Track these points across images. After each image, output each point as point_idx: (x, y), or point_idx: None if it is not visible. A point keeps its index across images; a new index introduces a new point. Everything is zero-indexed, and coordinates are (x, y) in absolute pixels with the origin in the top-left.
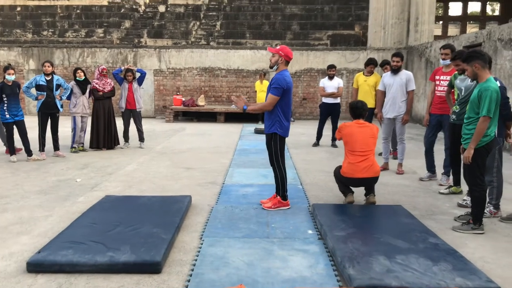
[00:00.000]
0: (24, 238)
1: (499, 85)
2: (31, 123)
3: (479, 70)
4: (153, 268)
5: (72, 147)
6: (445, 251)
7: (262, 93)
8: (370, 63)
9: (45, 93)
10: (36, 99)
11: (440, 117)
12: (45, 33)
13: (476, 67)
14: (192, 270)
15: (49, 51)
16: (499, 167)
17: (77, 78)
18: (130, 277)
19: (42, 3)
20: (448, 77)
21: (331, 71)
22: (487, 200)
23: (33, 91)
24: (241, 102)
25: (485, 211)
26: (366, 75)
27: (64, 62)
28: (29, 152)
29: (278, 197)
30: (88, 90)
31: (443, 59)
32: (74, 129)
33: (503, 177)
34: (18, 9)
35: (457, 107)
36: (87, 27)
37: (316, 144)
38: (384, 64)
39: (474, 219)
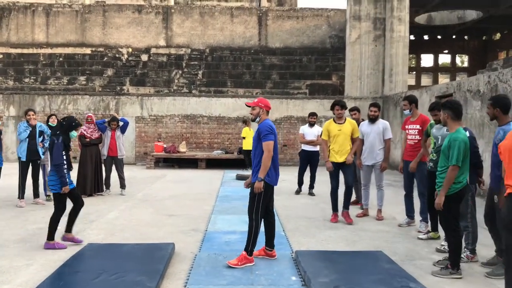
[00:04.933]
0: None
1: (468, 135)
2: (9, 170)
3: (449, 120)
4: None
5: (46, 195)
6: None
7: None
8: (337, 104)
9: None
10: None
11: (411, 163)
12: (26, 80)
13: (447, 117)
14: None
15: (30, 98)
16: (473, 213)
17: (49, 124)
18: None
19: (25, 51)
20: (415, 126)
21: (312, 119)
22: (464, 245)
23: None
24: (259, 185)
25: (462, 256)
26: (338, 123)
27: (46, 109)
28: None
29: (244, 252)
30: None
31: (404, 110)
32: (44, 177)
33: (477, 222)
34: (0, 56)
35: (434, 155)
36: (69, 75)
37: (299, 191)
38: (353, 110)
39: (452, 264)
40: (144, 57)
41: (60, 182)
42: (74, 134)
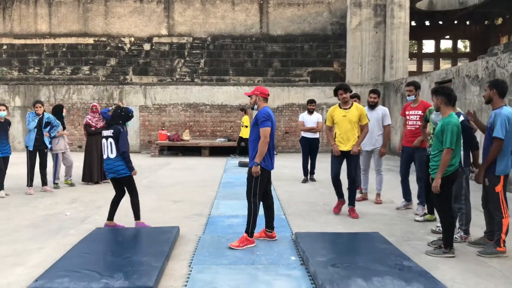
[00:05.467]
0: (19, 269)
1: (462, 118)
2: (16, 159)
3: (442, 105)
4: None
5: (54, 182)
6: (418, 273)
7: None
8: (340, 88)
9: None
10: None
11: (411, 149)
12: (31, 70)
13: (440, 102)
14: None
15: (35, 88)
16: (466, 195)
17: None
18: None
19: (28, 41)
20: (417, 112)
21: (311, 106)
22: (458, 226)
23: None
24: (256, 170)
25: (456, 236)
26: (344, 108)
27: (50, 99)
28: (1, 187)
29: (245, 234)
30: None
31: (408, 96)
32: (55, 166)
33: (471, 204)
34: (4, 47)
35: (433, 140)
36: (73, 65)
37: (306, 180)
38: (354, 97)
39: (445, 244)
40: (147, 46)
41: (129, 168)
42: (128, 123)
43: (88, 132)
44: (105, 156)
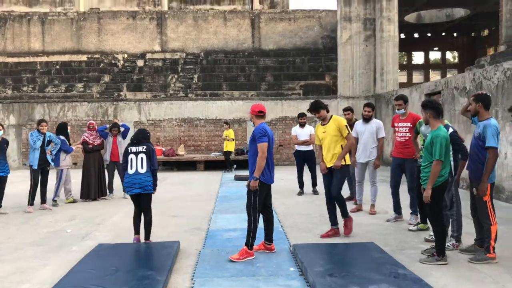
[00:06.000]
0: (25, 286)
1: (451, 130)
2: (12, 178)
3: (431, 119)
4: None
5: (54, 199)
6: (413, 280)
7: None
8: (311, 111)
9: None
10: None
11: (401, 160)
12: (25, 88)
13: (429, 116)
14: None
15: (29, 106)
16: (458, 203)
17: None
18: None
19: (22, 59)
20: (406, 124)
21: (302, 120)
22: (449, 234)
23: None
24: (254, 184)
25: (448, 244)
26: (323, 124)
27: (45, 116)
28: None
29: (245, 246)
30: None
31: (398, 109)
32: (59, 182)
33: (462, 212)
34: None
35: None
36: (66, 82)
37: (301, 192)
38: (347, 110)
39: (438, 252)
40: (140, 63)
41: (154, 186)
42: None
43: (85, 150)
44: (132, 171)
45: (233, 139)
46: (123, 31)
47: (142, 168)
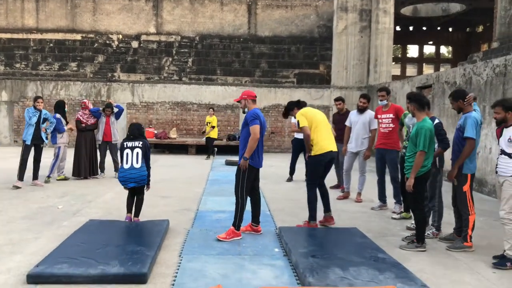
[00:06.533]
0: (18, 257)
1: (437, 121)
2: (3, 154)
3: (416, 111)
4: (140, 279)
5: (48, 176)
6: (391, 264)
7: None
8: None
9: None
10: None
11: (383, 151)
12: (17, 65)
13: (413, 108)
14: (174, 281)
15: (22, 84)
16: (440, 194)
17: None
18: (120, 287)
19: (15, 36)
20: (389, 115)
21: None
22: (430, 222)
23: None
24: (245, 164)
25: (428, 232)
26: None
27: (38, 94)
28: None
29: (232, 227)
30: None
31: (381, 100)
32: (56, 159)
33: (444, 203)
34: None
35: (406, 142)
36: (60, 61)
37: (290, 179)
38: (338, 99)
39: (418, 239)
40: (135, 44)
41: (148, 179)
42: None
43: (78, 128)
44: (127, 166)
45: (213, 127)
46: (119, 12)
47: (137, 163)
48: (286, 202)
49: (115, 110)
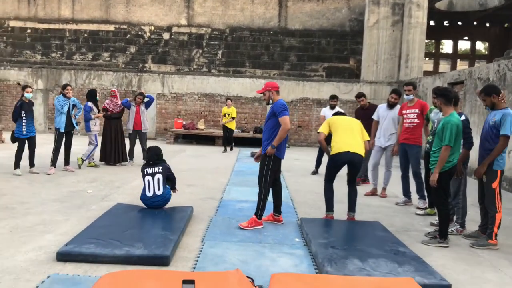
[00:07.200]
0: (49, 236)
1: (463, 118)
2: (39, 140)
3: (442, 105)
4: (163, 261)
5: (88, 160)
6: (411, 257)
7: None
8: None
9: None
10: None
11: (406, 146)
12: (53, 55)
13: (440, 103)
14: (196, 264)
15: (57, 72)
16: (464, 191)
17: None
18: (144, 268)
19: (52, 26)
20: (414, 110)
21: (333, 102)
22: (455, 219)
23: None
24: (272, 151)
25: (452, 229)
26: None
27: (72, 83)
28: (32, 164)
29: (254, 216)
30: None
31: (407, 95)
32: (95, 145)
33: (469, 201)
34: (28, 31)
35: (431, 137)
36: (93, 51)
37: (315, 172)
38: (360, 96)
39: (441, 234)
40: (166, 36)
41: (174, 184)
42: None
43: (104, 116)
44: (150, 194)
45: (233, 118)
46: (151, 3)
47: (159, 190)
48: (309, 195)
49: (146, 99)
